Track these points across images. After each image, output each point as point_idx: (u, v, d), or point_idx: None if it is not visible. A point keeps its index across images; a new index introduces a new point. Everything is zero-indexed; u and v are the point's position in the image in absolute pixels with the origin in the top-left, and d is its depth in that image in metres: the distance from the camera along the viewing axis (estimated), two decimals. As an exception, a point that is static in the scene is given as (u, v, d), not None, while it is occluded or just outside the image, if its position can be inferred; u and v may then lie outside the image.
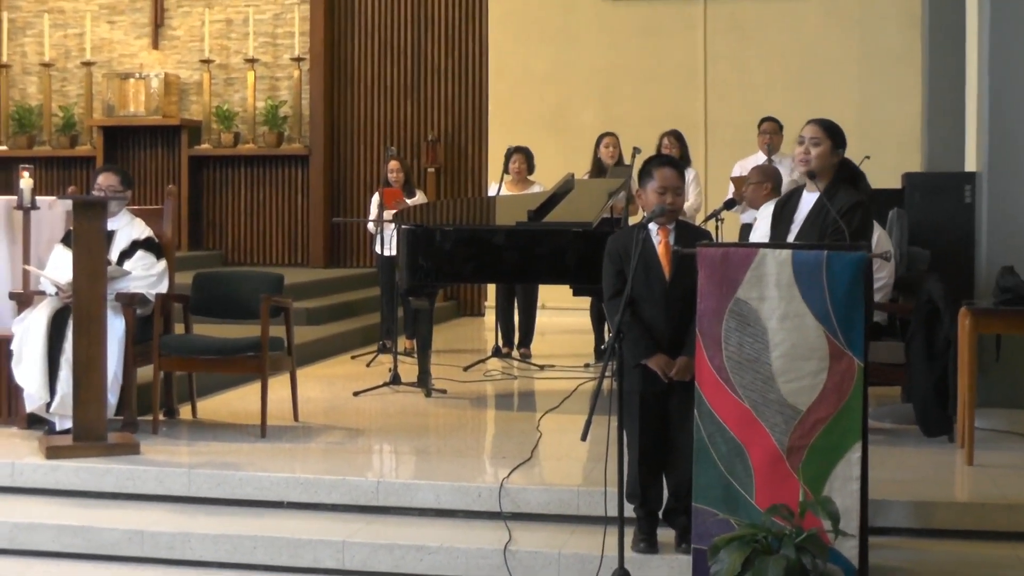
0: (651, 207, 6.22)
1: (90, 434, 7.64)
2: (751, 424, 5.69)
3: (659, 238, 6.23)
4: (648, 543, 6.26)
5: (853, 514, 5.62)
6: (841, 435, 5.63)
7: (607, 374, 5.96)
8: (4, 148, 17.06)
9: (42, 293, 8.46)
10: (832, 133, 6.43)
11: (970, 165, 10.00)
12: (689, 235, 6.28)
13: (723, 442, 5.73)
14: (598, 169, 11.97)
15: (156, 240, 8.68)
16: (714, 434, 5.74)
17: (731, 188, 11.10)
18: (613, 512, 5.97)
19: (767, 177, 9.24)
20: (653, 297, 6.17)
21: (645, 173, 6.35)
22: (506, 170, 11.99)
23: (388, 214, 11.56)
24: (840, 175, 6.44)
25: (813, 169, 6.39)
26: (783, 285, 5.65)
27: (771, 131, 11.61)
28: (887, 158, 13.07)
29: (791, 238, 6.39)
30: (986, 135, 9.23)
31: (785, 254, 5.69)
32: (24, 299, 8.51)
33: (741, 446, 5.71)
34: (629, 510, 6.18)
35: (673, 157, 9.13)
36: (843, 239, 5.98)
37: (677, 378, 6.10)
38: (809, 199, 6.44)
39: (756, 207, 9.19)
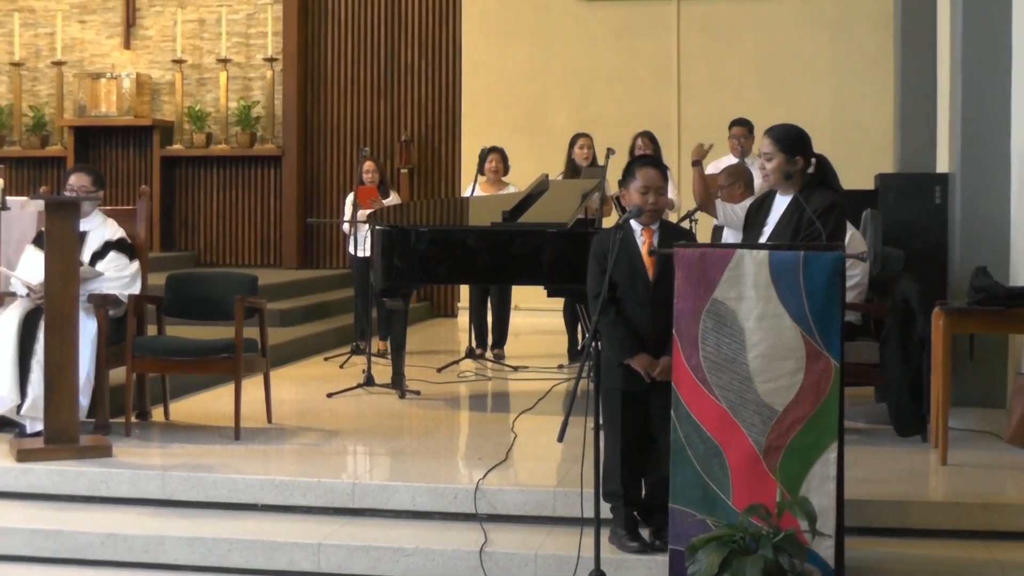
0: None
1: (62, 437, 7.59)
2: (728, 424, 5.69)
3: (643, 239, 6.25)
4: (632, 535, 6.25)
5: (830, 514, 5.63)
6: (818, 435, 5.64)
7: (583, 375, 5.96)
8: (-25, 148, 16.98)
9: (13, 294, 8.40)
10: (784, 144, 6.43)
11: (942, 166, 10.02)
12: (673, 236, 6.29)
13: (700, 442, 5.73)
14: (572, 170, 11.95)
15: (129, 241, 8.63)
16: (691, 434, 5.74)
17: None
18: (590, 513, 5.96)
19: (737, 177, 9.25)
20: (637, 297, 6.19)
21: (628, 173, 6.38)
22: (481, 171, 11.98)
23: (363, 214, 11.53)
24: (814, 177, 6.45)
25: (772, 185, 6.44)
26: (760, 285, 5.66)
27: (741, 135, 11.61)
28: (860, 159, 13.12)
29: (763, 240, 6.39)
30: (958, 136, 9.25)
31: (762, 254, 5.70)
32: (-5, 300, 8.46)
33: (718, 446, 5.70)
34: (605, 510, 6.17)
35: (656, 158, 9.14)
36: (819, 240, 5.99)
37: (660, 378, 6.10)
38: (782, 201, 6.45)
39: (735, 209, 9.20)
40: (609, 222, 10.06)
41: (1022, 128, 8.64)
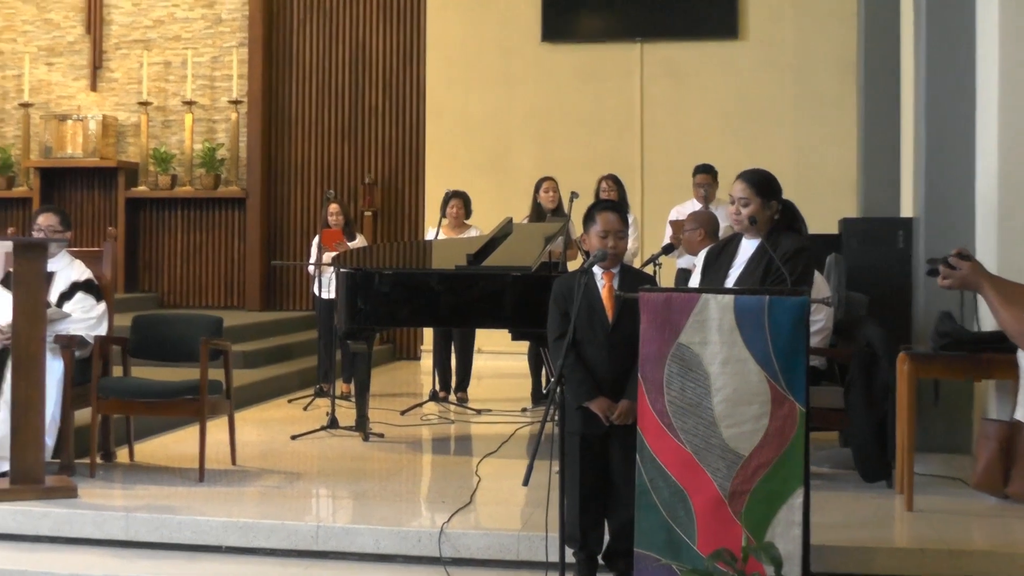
0: (595, 251, 6.27)
1: (27, 477, 7.55)
2: (693, 469, 5.69)
3: (603, 282, 6.27)
4: (589, 586, 6.26)
5: (795, 559, 5.63)
6: (783, 480, 5.65)
7: (547, 418, 5.95)
8: (-60, 189, 16.94)
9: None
10: (760, 189, 6.47)
11: (906, 211, 10.07)
12: (633, 279, 6.31)
13: (665, 487, 5.73)
14: (537, 214, 11.98)
15: (95, 282, 8.61)
16: (656, 479, 5.74)
17: (668, 232, 11.13)
18: (554, 557, 5.96)
19: (700, 223, 9.33)
20: (596, 340, 6.19)
21: (588, 218, 6.39)
22: (444, 214, 12.00)
23: (327, 257, 11.53)
24: (781, 222, 6.49)
25: (742, 230, 6.47)
26: (725, 330, 5.67)
27: (705, 183, 11.63)
28: (824, 203, 13.17)
29: (729, 283, 6.42)
30: (922, 181, 9.30)
31: (727, 299, 5.71)
32: (-40, 341, 8.41)
33: (683, 491, 5.71)
34: (569, 555, 6.17)
35: (616, 202, 9.19)
36: (785, 285, 6.02)
37: (618, 422, 6.10)
38: (749, 245, 6.48)
39: (693, 253, 9.26)
40: (574, 266, 10.08)
41: (985, 172, 8.70)
